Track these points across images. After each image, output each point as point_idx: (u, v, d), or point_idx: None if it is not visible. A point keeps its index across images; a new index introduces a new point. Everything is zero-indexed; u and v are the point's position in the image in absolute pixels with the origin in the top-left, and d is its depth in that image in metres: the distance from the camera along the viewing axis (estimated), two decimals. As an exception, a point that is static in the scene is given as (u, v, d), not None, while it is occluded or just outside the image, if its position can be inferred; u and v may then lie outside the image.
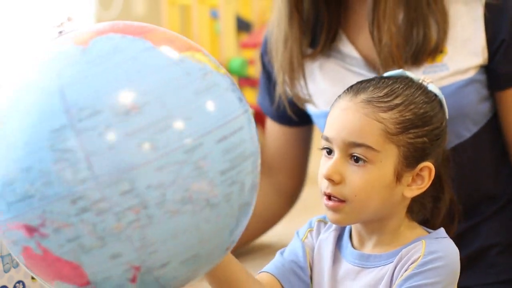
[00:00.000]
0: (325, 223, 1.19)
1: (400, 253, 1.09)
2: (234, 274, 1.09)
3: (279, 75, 1.43)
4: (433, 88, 1.14)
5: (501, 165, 1.41)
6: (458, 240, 1.36)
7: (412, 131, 1.09)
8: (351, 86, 1.13)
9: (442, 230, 1.13)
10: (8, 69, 3.17)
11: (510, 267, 1.38)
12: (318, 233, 1.19)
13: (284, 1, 1.38)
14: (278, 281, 1.15)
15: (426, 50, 1.32)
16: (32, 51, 0.94)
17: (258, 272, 1.17)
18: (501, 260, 1.38)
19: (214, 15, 3.52)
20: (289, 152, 1.57)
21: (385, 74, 1.17)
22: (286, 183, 1.59)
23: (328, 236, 1.17)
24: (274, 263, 1.17)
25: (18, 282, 1.19)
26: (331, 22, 1.39)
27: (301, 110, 1.47)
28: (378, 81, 1.13)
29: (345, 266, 1.14)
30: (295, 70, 1.41)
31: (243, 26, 3.58)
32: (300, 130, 1.55)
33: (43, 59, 0.92)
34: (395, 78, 1.14)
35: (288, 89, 1.43)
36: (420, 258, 1.06)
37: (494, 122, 1.39)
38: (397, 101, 1.10)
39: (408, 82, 1.14)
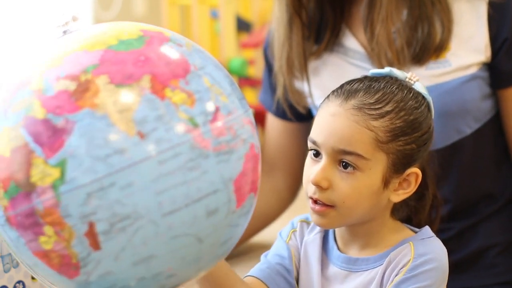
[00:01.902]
0: (308, 223, 1.19)
1: (388, 256, 1.08)
2: (223, 277, 1.09)
3: (279, 77, 1.43)
4: (419, 87, 1.14)
5: (501, 164, 1.41)
6: (457, 240, 1.36)
7: (401, 138, 1.09)
8: (341, 88, 1.12)
9: (427, 229, 1.13)
10: (9, 68, 3.17)
11: (510, 268, 1.38)
12: (302, 234, 1.18)
13: (284, 8, 1.38)
14: (264, 283, 1.15)
15: (430, 49, 1.32)
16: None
17: (244, 276, 1.16)
18: (501, 260, 1.37)
19: (214, 15, 3.51)
20: (289, 147, 1.57)
21: (372, 72, 1.15)
22: (285, 181, 1.59)
23: (314, 238, 1.16)
24: (258, 267, 1.17)
25: (18, 282, 1.19)
26: (336, 18, 1.40)
27: (300, 113, 1.48)
28: (368, 85, 1.11)
29: (333, 269, 1.13)
30: (297, 72, 1.41)
31: (243, 26, 3.58)
32: (300, 125, 1.55)
33: None
34: (384, 81, 1.12)
35: (288, 92, 1.43)
36: (410, 262, 1.06)
37: (496, 120, 1.39)
38: (388, 108, 1.09)
39: (398, 85, 1.12)
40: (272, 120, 1.57)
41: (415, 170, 1.10)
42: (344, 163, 1.07)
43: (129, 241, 0.88)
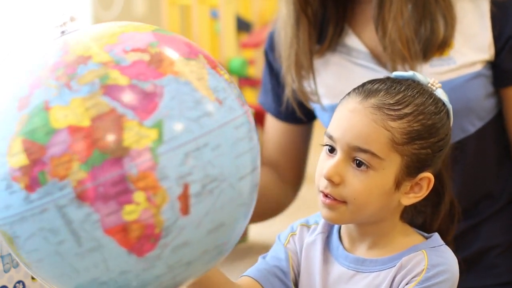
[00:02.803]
0: (308, 227, 1.19)
1: (400, 262, 1.08)
2: (211, 278, 1.09)
3: (287, 77, 1.43)
4: (441, 94, 1.14)
5: (503, 164, 1.40)
6: (458, 241, 1.36)
7: (418, 142, 1.08)
8: (363, 86, 1.12)
9: (437, 237, 1.12)
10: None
11: (511, 269, 1.37)
12: (302, 237, 1.18)
13: (291, 6, 1.38)
14: (260, 284, 1.14)
15: (434, 45, 1.32)
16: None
17: (240, 276, 1.16)
18: (502, 261, 1.37)
19: (214, 15, 3.52)
20: (291, 149, 1.57)
21: (395, 74, 1.15)
22: (288, 176, 1.58)
23: (315, 239, 1.16)
24: (256, 267, 1.17)
25: (18, 282, 1.19)
26: (338, 17, 1.40)
27: (310, 111, 1.47)
28: (390, 86, 1.11)
29: (338, 269, 1.13)
30: (304, 71, 1.41)
31: (243, 26, 3.58)
32: (303, 127, 1.55)
33: None
34: (406, 83, 1.12)
35: (297, 91, 1.43)
36: (423, 272, 1.06)
37: (499, 119, 1.39)
38: (407, 110, 1.08)
39: (420, 89, 1.12)
40: (272, 122, 1.57)
41: (428, 175, 1.10)
42: (358, 161, 1.07)
43: (213, 205, 0.89)
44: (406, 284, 1.06)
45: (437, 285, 1.05)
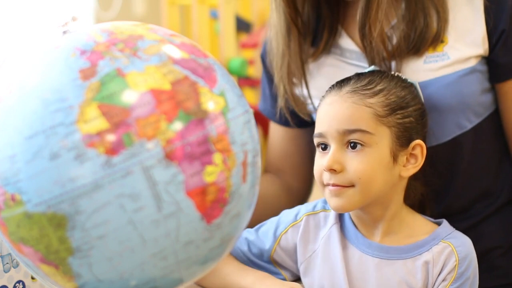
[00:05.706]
0: (315, 213, 1.22)
1: (431, 255, 1.13)
2: None
3: (280, 88, 1.43)
4: (408, 78, 1.22)
5: (501, 161, 1.40)
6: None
7: (399, 112, 1.15)
8: (333, 85, 1.19)
9: (446, 223, 1.19)
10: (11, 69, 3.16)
11: (512, 270, 1.38)
12: (307, 228, 1.22)
13: (282, 16, 1.38)
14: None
15: (427, 39, 1.32)
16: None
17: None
18: (503, 262, 1.37)
19: (214, 15, 3.51)
20: (293, 154, 1.56)
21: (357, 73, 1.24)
22: (293, 184, 1.58)
23: (330, 231, 1.20)
24: (240, 249, 1.26)
25: (18, 282, 1.19)
26: (333, 20, 1.40)
27: (303, 120, 1.47)
28: (357, 75, 1.20)
29: (358, 254, 1.17)
30: (295, 79, 1.41)
31: (243, 26, 3.58)
32: (305, 131, 1.55)
33: None
34: (371, 72, 1.22)
35: (290, 101, 1.43)
36: (456, 269, 1.13)
37: (496, 116, 1.39)
38: (379, 87, 1.16)
39: (383, 73, 1.21)
40: (275, 128, 1.57)
41: (419, 142, 1.16)
42: (352, 144, 1.12)
43: (255, 178, 0.96)
44: (443, 281, 1.12)
45: (469, 279, 1.13)
